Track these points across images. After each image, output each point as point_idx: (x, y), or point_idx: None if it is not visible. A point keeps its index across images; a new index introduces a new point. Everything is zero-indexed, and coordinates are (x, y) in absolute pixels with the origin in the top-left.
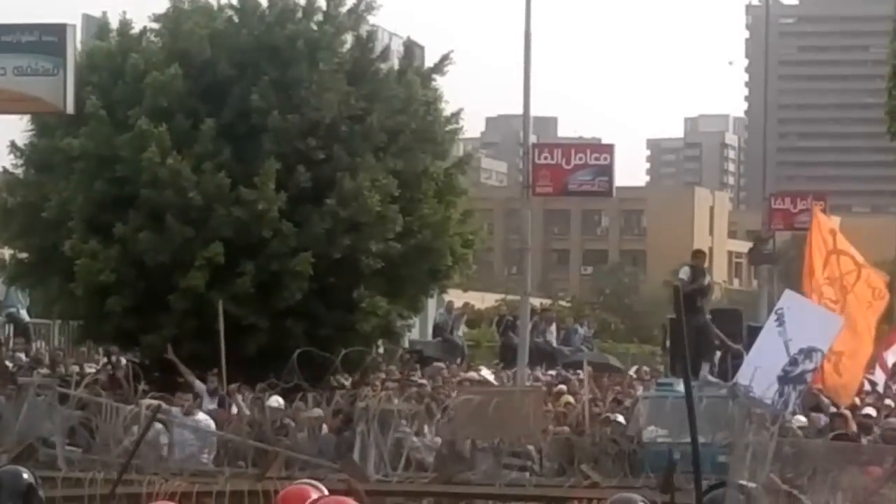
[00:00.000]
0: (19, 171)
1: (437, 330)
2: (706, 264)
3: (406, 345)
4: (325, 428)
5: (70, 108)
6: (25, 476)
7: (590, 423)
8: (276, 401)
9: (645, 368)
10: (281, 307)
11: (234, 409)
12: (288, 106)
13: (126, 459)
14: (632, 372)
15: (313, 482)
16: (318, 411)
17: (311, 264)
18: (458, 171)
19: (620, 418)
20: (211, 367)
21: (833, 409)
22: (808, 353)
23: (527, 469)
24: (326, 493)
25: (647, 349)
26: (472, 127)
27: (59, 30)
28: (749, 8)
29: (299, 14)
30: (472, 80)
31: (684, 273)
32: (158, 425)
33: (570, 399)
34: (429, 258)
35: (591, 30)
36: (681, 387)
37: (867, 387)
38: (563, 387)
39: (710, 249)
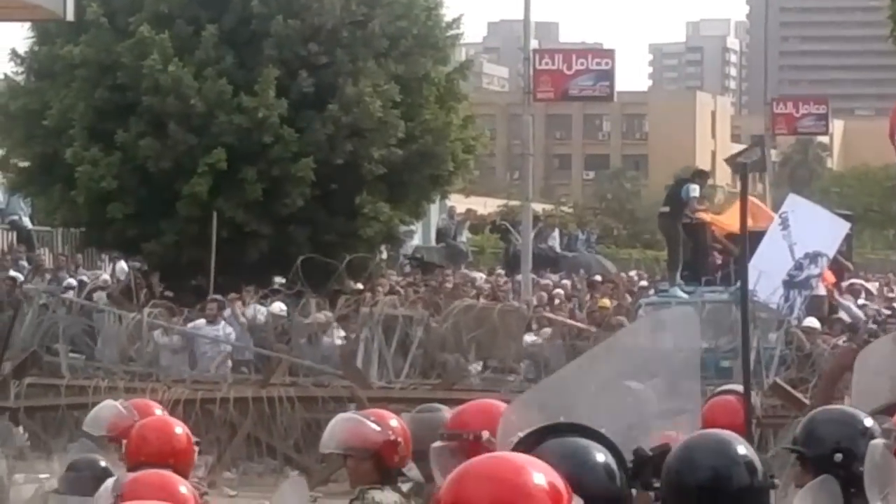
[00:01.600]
0: (20, 79)
1: (440, 235)
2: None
3: (409, 250)
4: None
5: (70, 16)
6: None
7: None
8: (279, 307)
9: (636, 277)
10: (283, 213)
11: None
12: (289, 11)
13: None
14: (634, 276)
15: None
16: (321, 317)
17: (312, 170)
18: (459, 77)
19: (625, 321)
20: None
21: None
22: (813, 257)
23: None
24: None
25: (649, 254)
26: (473, 32)
27: None
28: None
29: None
30: None
31: (695, 191)
32: (175, 337)
33: (607, 302)
34: (431, 163)
35: None
36: (680, 293)
37: None
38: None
39: (713, 153)
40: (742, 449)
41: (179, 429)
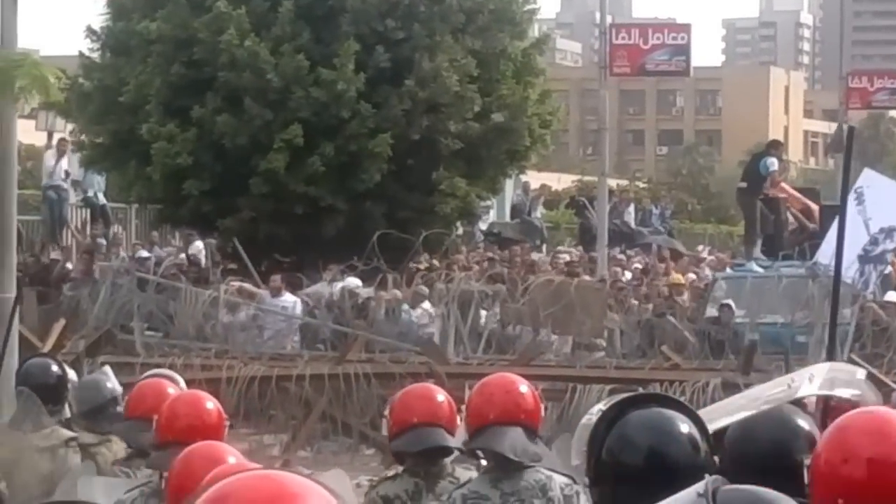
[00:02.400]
0: (96, 55)
1: (515, 211)
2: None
3: (485, 226)
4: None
5: None
6: (55, 368)
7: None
8: (355, 283)
9: (710, 257)
10: (360, 189)
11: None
12: None
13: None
14: (704, 254)
15: (169, 373)
16: (397, 293)
17: (389, 145)
18: (535, 52)
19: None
20: (288, 250)
21: None
22: (889, 232)
23: (601, 350)
24: (183, 386)
25: (723, 229)
26: (546, 7)
27: None
28: None
29: None
30: None
31: (773, 164)
32: (249, 310)
33: (681, 279)
34: (507, 139)
35: None
36: (757, 268)
37: None
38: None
39: (786, 129)
40: (803, 423)
41: (210, 404)
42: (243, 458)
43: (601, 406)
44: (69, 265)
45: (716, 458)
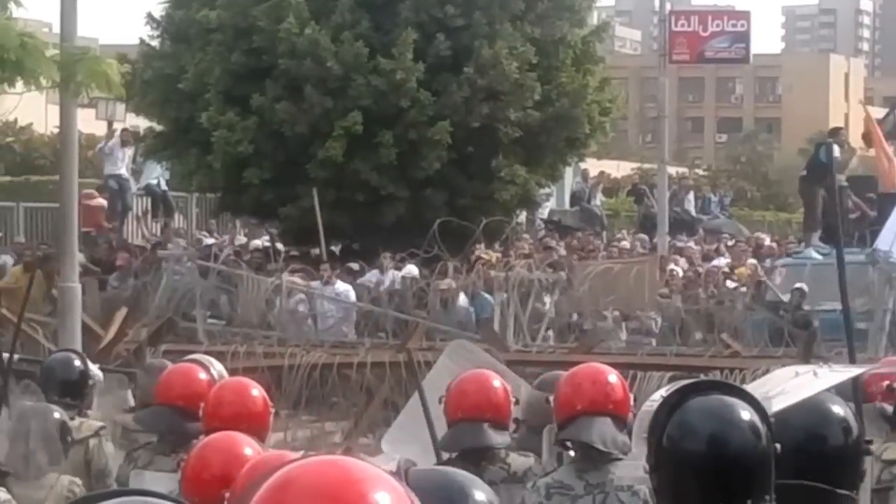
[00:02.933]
0: (156, 44)
1: (574, 199)
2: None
3: (545, 214)
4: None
5: None
6: (77, 363)
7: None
8: (415, 270)
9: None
10: (420, 177)
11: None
12: None
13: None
14: (767, 240)
15: (206, 358)
16: (448, 281)
17: (449, 133)
18: (595, 39)
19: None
20: (349, 237)
21: None
22: None
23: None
24: (219, 371)
25: (782, 217)
26: None
27: None
28: None
29: None
30: None
31: (837, 152)
32: (300, 297)
33: (743, 270)
34: (567, 126)
35: None
36: (815, 255)
37: None
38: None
39: (846, 116)
40: (838, 410)
41: (256, 391)
42: (259, 448)
43: (662, 393)
44: (126, 255)
45: (777, 446)
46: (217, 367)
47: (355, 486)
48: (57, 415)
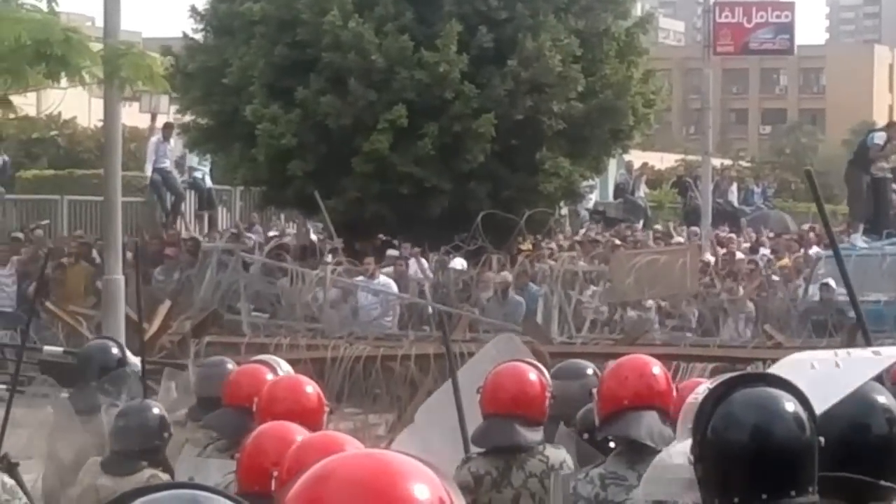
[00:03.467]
0: (199, 37)
1: (618, 191)
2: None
3: (589, 206)
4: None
5: None
6: (115, 350)
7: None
8: (460, 263)
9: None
10: (464, 169)
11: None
12: None
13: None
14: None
15: (272, 359)
16: (504, 274)
17: (493, 126)
18: (639, 31)
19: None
20: (394, 229)
21: None
22: None
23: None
24: (285, 370)
25: (827, 208)
26: None
27: None
28: None
29: None
30: None
31: (880, 138)
32: (343, 289)
33: (787, 261)
34: (611, 118)
35: None
36: (860, 244)
37: None
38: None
39: (890, 107)
40: (883, 399)
41: (310, 388)
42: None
43: (708, 385)
44: (174, 248)
45: (820, 438)
46: (284, 367)
47: (394, 479)
48: (156, 410)
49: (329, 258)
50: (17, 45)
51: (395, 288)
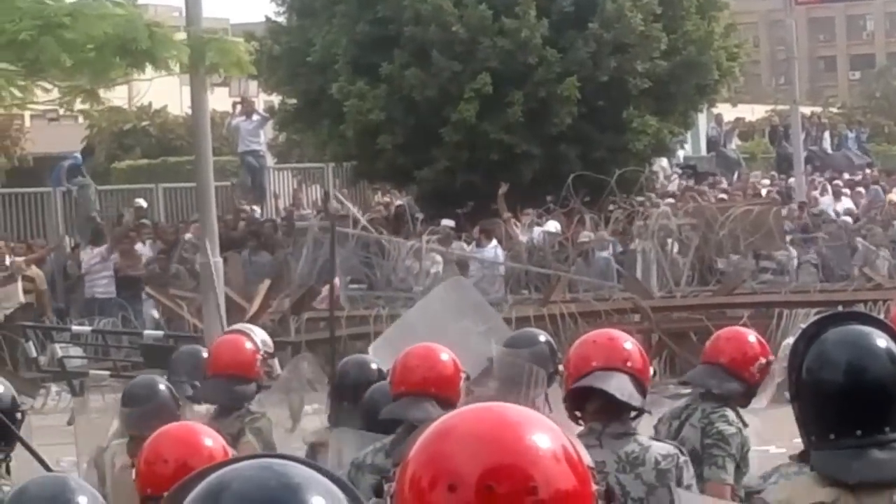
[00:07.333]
0: (282, 19)
1: (710, 144)
2: None
3: (680, 161)
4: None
5: None
6: (373, 366)
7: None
8: (553, 225)
9: None
10: (552, 133)
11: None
12: None
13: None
14: None
15: (247, 327)
16: (601, 234)
17: (577, 88)
18: None
19: None
20: (485, 197)
21: None
22: None
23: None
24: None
25: None
26: None
27: None
28: None
29: None
30: None
31: None
32: (439, 258)
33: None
34: (695, 73)
35: None
36: None
37: None
38: None
39: None
40: None
41: (445, 355)
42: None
43: (801, 325)
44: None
45: None
46: (259, 335)
47: (516, 430)
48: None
49: (419, 227)
50: (103, 41)
51: (500, 255)
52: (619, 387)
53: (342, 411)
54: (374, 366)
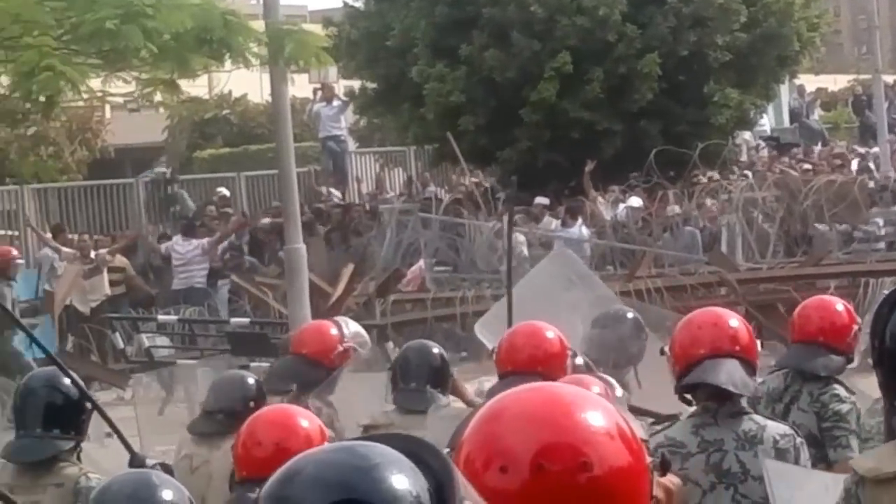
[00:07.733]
0: (360, 4)
1: (793, 116)
2: None
3: (764, 133)
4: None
5: None
6: (436, 351)
7: None
8: (637, 201)
9: None
10: (633, 109)
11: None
12: None
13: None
14: None
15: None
16: (684, 208)
17: (658, 64)
18: None
19: None
20: (567, 175)
21: None
22: None
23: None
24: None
25: None
26: None
27: None
28: None
29: None
30: None
31: None
32: (522, 238)
33: None
34: (776, 45)
35: None
36: None
37: None
38: None
39: None
40: None
41: (551, 333)
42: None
43: (885, 291)
44: (339, 212)
45: None
46: (351, 327)
47: (568, 408)
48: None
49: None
50: (180, 32)
51: (585, 232)
52: (730, 376)
53: (406, 393)
54: (436, 350)
